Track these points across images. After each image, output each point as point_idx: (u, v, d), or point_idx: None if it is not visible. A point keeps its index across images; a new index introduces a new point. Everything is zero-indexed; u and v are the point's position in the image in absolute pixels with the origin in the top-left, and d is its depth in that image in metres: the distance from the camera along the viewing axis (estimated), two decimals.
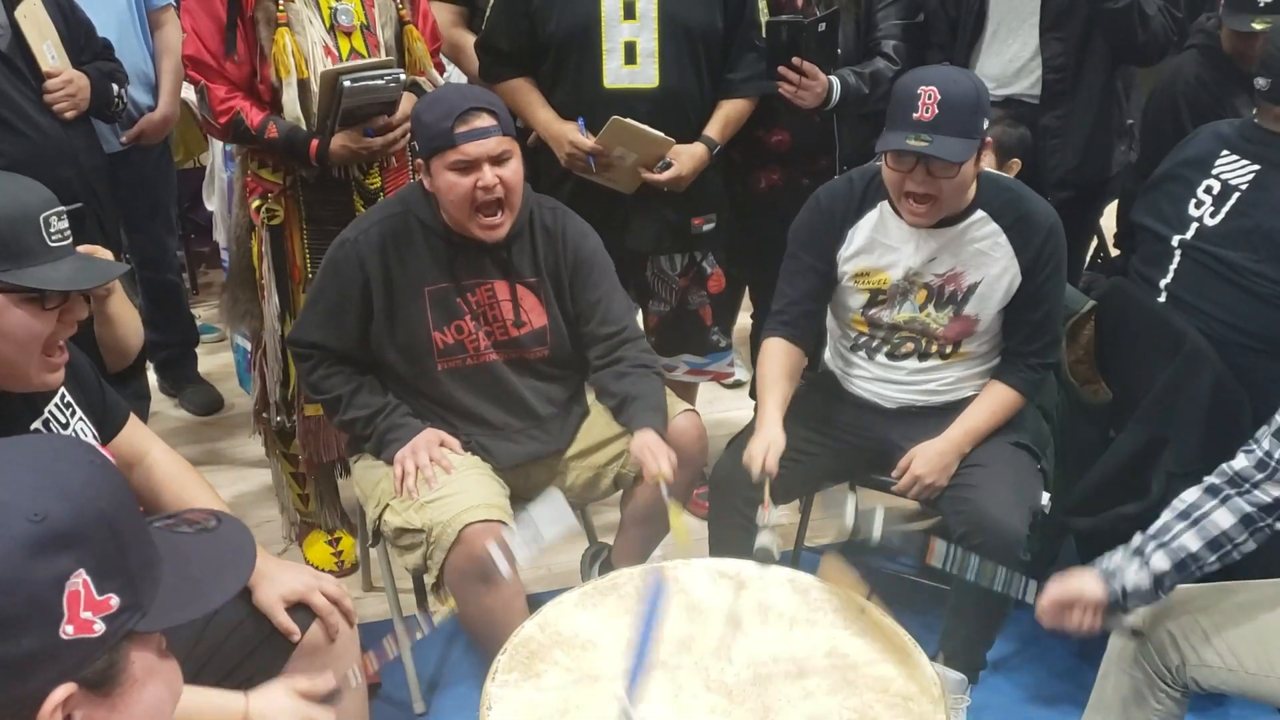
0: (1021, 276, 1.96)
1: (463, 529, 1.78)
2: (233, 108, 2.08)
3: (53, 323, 1.33)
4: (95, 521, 0.78)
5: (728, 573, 1.68)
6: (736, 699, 1.43)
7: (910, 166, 1.85)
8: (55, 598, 0.75)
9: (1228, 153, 2.11)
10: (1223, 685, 1.60)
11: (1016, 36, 2.53)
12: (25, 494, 0.77)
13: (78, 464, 0.82)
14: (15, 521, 0.75)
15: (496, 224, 1.88)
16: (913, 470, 1.99)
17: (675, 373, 2.58)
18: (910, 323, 2.03)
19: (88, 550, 0.77)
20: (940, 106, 1.79)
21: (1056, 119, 2.53)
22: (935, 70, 1.89)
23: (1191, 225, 2.12)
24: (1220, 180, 2.10)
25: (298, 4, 2.08)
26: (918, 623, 1.62)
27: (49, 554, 0.75)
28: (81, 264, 1.36)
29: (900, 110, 1.83)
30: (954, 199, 1.90)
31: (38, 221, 1.31)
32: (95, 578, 0.77)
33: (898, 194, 1.92)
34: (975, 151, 1.85)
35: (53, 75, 2.28)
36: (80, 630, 0.76)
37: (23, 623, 0.74)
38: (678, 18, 2.23)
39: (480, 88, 1.92)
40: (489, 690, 1.43)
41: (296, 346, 2.01)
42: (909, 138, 1.80)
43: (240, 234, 2.31)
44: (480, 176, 1.83)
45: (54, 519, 0.76)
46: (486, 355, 1.99)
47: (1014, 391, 2.03)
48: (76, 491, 0.79)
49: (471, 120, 1.82)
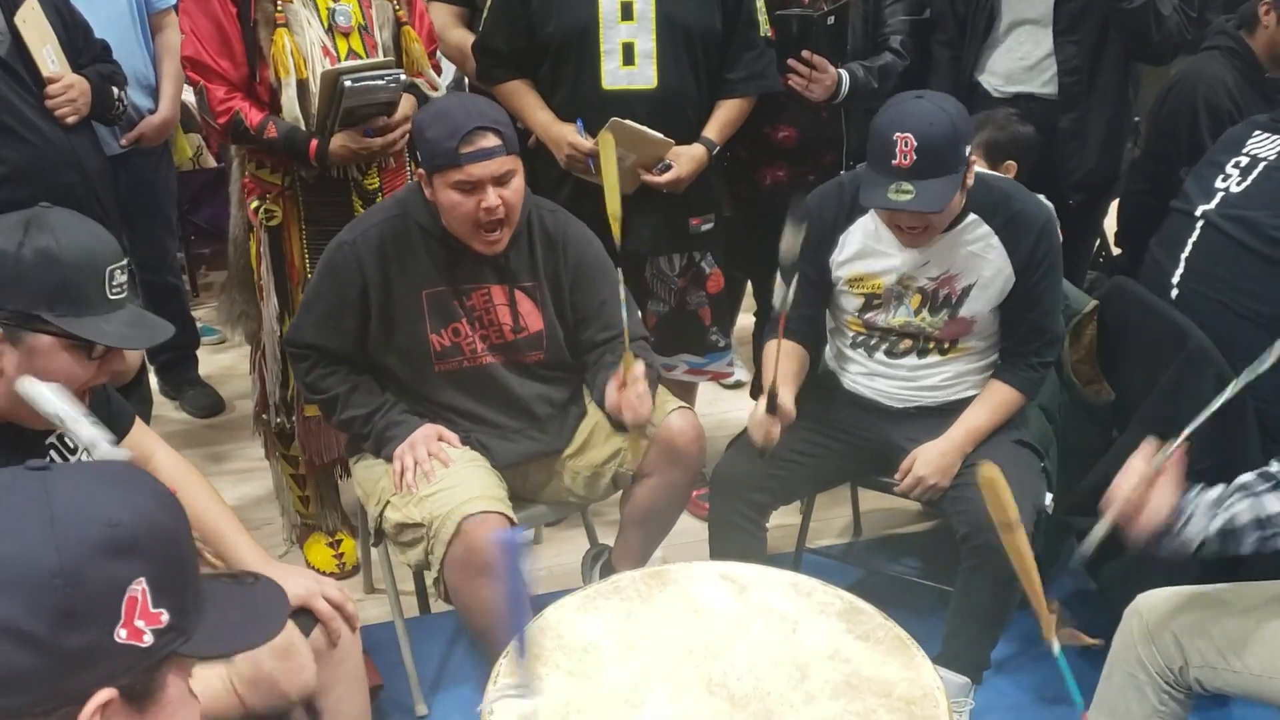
0: (1015, 276, 1.96)
1: (462, 520, 1.78)
2: (232, 108, 2.08)
3: (93, 370, 1.36)
4: (162, 538, 0.84)
5: (730, 575, 1.67)
6: (739, 703, 1.42)
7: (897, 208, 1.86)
8: (116, 600, 0.80)
9: (1259, 132, 2.11)
10: (1226, 687, 1.59)
11: (1029, 35, 2.53)
12: (103, 502, 0.82)
13: (150, 487, 0.88)
14: (91, 524, 0.80)
15: (496, 239, 1.89)
16: (915, 471, 1.99)
17: (674, 373, 2.58)
18: (906, 326, 2.04)
19: (151, 562, 0.82)
20: (918, 152, 1.78)
21: (1073, 121, 2.53)
22: (910, 110, 1.83)
23: (1216, 195, 2.10)
24: (1249, 155, 2.10)
25: (296, 5, 2.08)
26: (920, 625, 1.61)
27: (118, 558, 0.80)
28: (134, 320, 1.38)
29: (878, 156, 1.83)
30: (943, 223, 1.92)
31: (104, 273, 1.33)
32: (153, 590, 0.81)
33: (888, 225, 1.95)
34: (958, 187, 1.85)
35: (53, 80, 2.27)
36: (132, 637, 0.80)
37: (85, 617, 0.78)
38: (675, 18, 2.23)
39: (485, 102, 1.89)
40: (490, 692, 1.43)
41: (293, 347, 2.01)
42: (890, 190, 1.80)
43: (239, 235, 2.31)
44: (483, 198, 1.82)
45: (125, 527, 0.81)
46: (483, 358, 1.99)
47: (1014, 391, 2.03)
48: (148, 508, 0.84)
49: (477, 140, 1.80)
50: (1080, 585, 2.32)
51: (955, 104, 1.88)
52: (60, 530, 0.79)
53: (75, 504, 0.81)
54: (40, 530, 0.79)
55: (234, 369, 3.45)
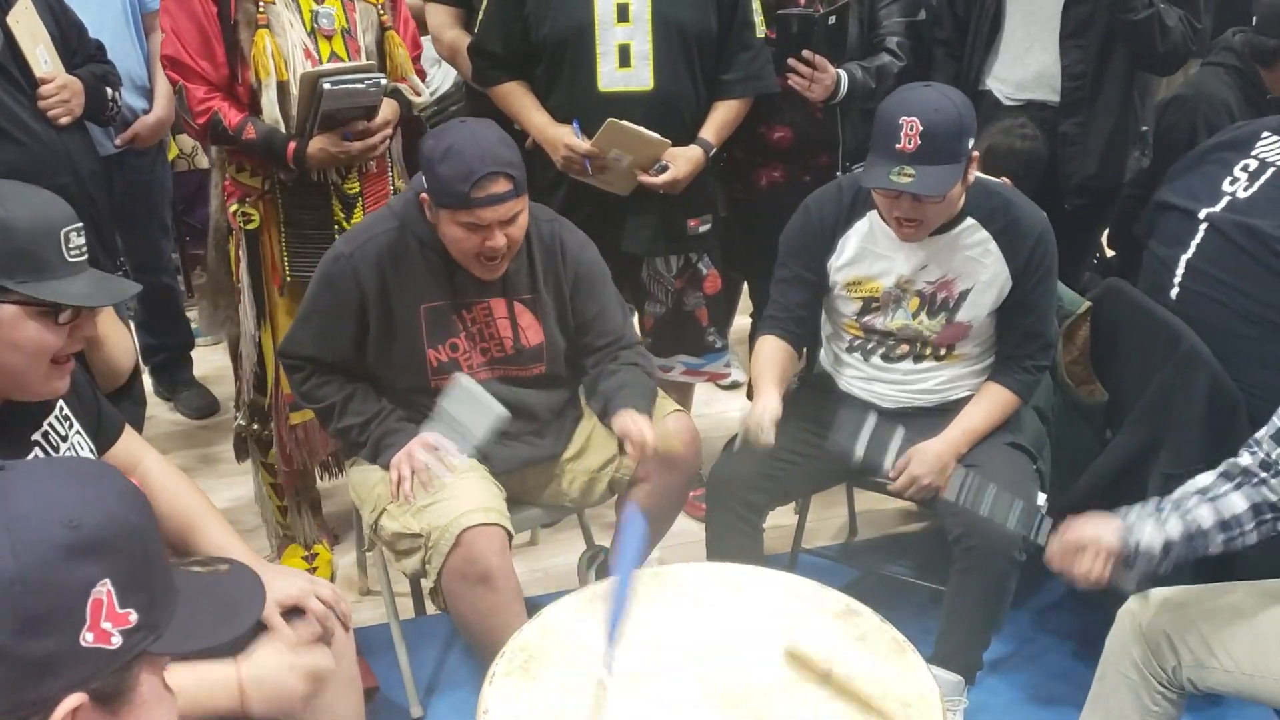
0: (1012, 281, 1.97)
1: (461, 533, 1.78)
2: (211, 108, 2.07)
3: (64, 337, 1.34)
4: (126, 536, 0.81)
5: (725, 577, 1.68)
6: (734, 704, 1.43)
7: (897, 194, 1.86)
8: (80, 603, 0.78)
9: (1269, 134, 2.11)
10: (1219, 686, 1.60)
11: (1036, 42, 2.53)
12: (62, 502, 0.80)
13: (112, 483, 0.86)
14: (52, 526, 0.78)
15: (496, 268, 1.88)
16: (910, 470, 1.99)
17: (671, 373, 2.58)
18: (903, 330, 2.04)
19: (116, 562, 0.80)
20: (922, 137, 1.79)
21: (1076, 126, 2.54)
22: (917, 96, 1.86)
23: (1223, 199, 2.10)
24: (1258, 159, 2.10)
25: (278, 6, 2.06)
26: (914, 625, 1.62)
27: (80, 560, 0.78)
28: (97, 281, 1.37)
29: (883, 139, 1.84)
30: (942, 217, 1.92)
31: (58, 236, 1.31)
32: (119, 590, 0.79)
33: (887, 215, 1.94)
34: (960, 177, 1.86)
35: (47, 81, 2.27)
36: (99, 640, 0.78)
37: (47, 623, 0.76)
38: (671, 20, 2.23)
39: (498, 139, 1.83)
40: (486, 694, 1.43)
41: (288, 359, 2.00)
42: (892, 173, 1.81)
43: (219, 239, 2.30)
44: (489, 236, 1.81)
45: (88, 528, 0.79)
46: (480, 374, 1.97)
47: (1010, 393, 2.04)
48: (110, 506, 0.82)
49: (489, 186, 1.77)
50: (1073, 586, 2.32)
51: (962, 96, 1.91)
52: (18, 534, 0.77)
53: (33, 506, 0.79)
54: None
55: (228, 370, 3.42)
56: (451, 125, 1.88)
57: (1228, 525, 1.52)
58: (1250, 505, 1.51)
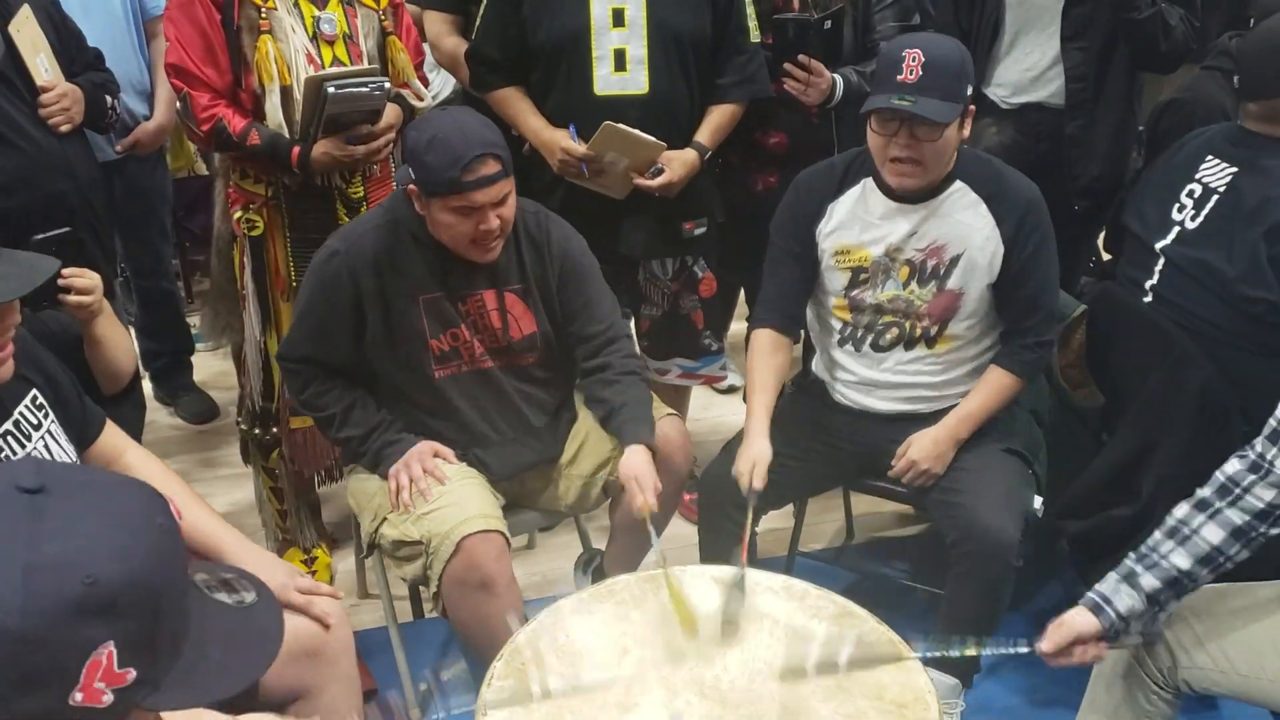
0: (1004, 248, 1.96)
1: (461, 540, 1.79)
2: (215, 115, 2.09)
3: None
4: (142, 595, 0.77)
5: (721, 578, 1.68)
6: (731, 706, 1.43)
7: (894, 130, 1.86)
8: (77, 664, 0.74)
9: (1211, 157, 2.13)
10: (1215, 688, 1.61)
11: (1035, 45, 2.54)
12: (89, 551, 0.75)
13: (146, 523, 0.80)
14: (69, 581, 0.73)
15: (492, 250, 1.89)
16: (909, 455, 2.00)
17: (668, 376, 2.59)
18: (894, 301, 2.02)
19: (124, 624, 0.75)
20: (924, 69, 1.81)
21: (1080, 127, 2.55)
22: (920, 35, 1.92)
23: (1173, 229, 2.13)
24: (1201, 184, 2.12)
25: (280, 11, 2.08)
26: (911, 628, 1.62)
27: (88, 620, 0.74)
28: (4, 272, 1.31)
29: (885, 72, 1.86)
30: (937, 163, 1.91)
31: None
32: (121, 651, 0.75)
33: (881, 159, 1.93)
34: (959, 115, 1.86)
35: (47, 89, 2.28)
36: (89, 699, 0.74)
37: (37, 682, 0.73)
38: (666, 24, 2.24)
39: (481, 122, 1.86)
40: (484, 697, 1.44)
41: (286, 362, 2.00)
42: (894, 98, 1.82)
43: (222, 246, 2.31)
44: (482, 219, 1.82)
45: (104, 584, 0.74)
46: (483, 362, 1.99)
47: (1010, 375, 2.02)
48: (135, 557, 0.77)
49: (479, 169, 1.78)
50: (1070, 589, 2.33)
51: (962, 46, 1.93)
52: (33, 585, 0.72)
53: (60, 551, 0.74)
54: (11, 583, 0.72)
55: (228, 375, 3.44)
56: (432, 115, 1.90)
57: (1208, 559, 1.51)
58: (1228, 532, 1.49)
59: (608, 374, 2.01)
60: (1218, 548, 1.50)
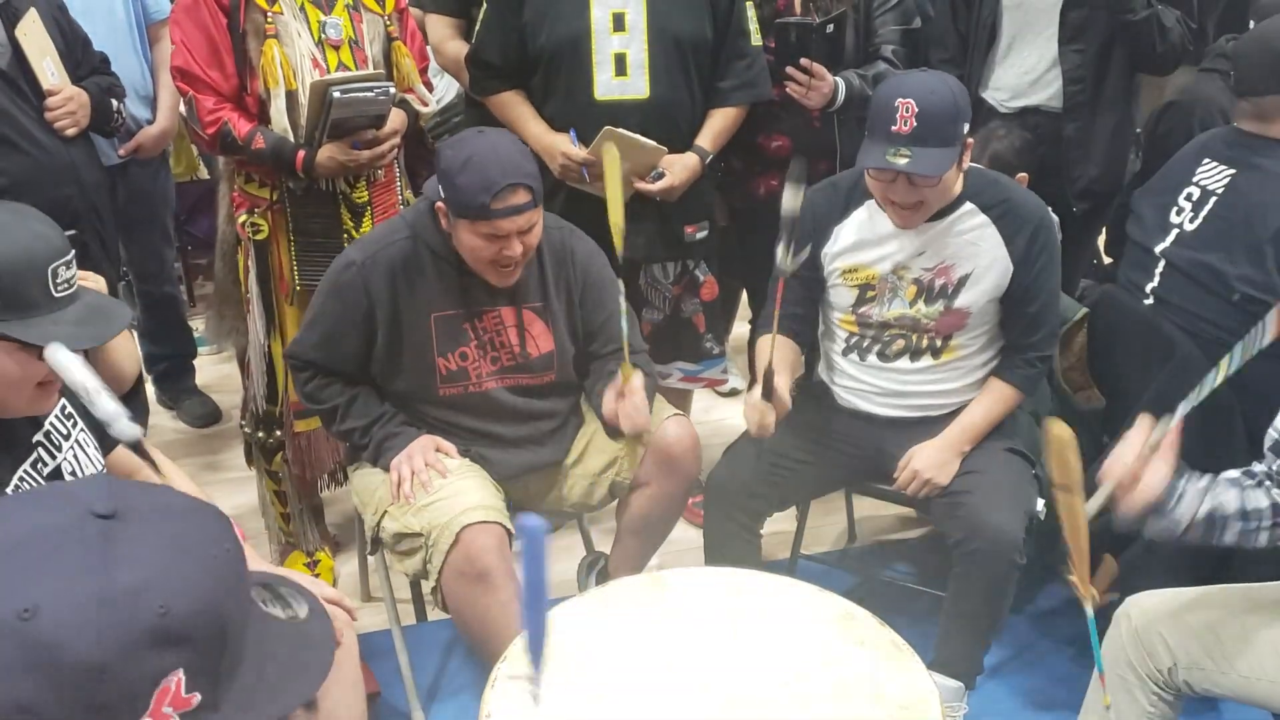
0: (1013, 268, 1.96)
1: (461, 530, 1.79)
2: (220, 118, 2.09)
3: (45, 369, 1.32)
4: (210, 623, 0.77)
5: (724, 580, 1.69)
6: (734, 708, 1.44)
7: (892, 178, 1.87)
8: (148, 691, 0.74)
9: (1208, 160, 2.14)
10: (1215, 688, 1.61)
11: (1033, 48, 2.55)
12: (162, 580, 0.75)
13: (213, 549, 0.80)
14: (144, 611, 0.74)
15: (510, 274, 1.89)
16: (912, 466, 2.00)
17: (669, 380, 2.60)
18: (900, 319, 2.03)
19: (195, 650, 0.76)
20: (918, 119, 1.80)
21: (1078, 129, 2.56)
22: (912, 79, 1.89)
23: (1172, 232, 2.14)
24: (1199, 187, 2.13)
25: (286, 16, 2.08)
26: (913, 630, 1.62)
27: (161, 649, 0.74)
28: (84, 316, 1.35)
29: (879, 122, 1.85)
30: (939, 199, 1.92)
31: (45, 273, 1.29)
32: (189, 676, 0.76)
33: (882, 200, 1.94)
34: (955, 160, 1.87)
35: (54, 93, 2.29)
36: None
37: (109, 710, 0.73)
38: (667, 29, 2.25)
39: (517, 150, 1.85)
40: (488, 699, 1.44)
41: (293, 360, 2.02)
42: (889, 153, 1.82)
43: (227, 250, 2.32)
44: (506, 245, 1.82)
45: (175, 615, 0.74)
46: (488, 384, 1.99)
47: (1011, 388, 2.03)
48: (204, 586, 0.77)
49: (509, 198, 1.78)
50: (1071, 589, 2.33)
51: (957, 82, 1.92)
52: (108, 616, 0.72)
53: (135, 579, 0.74)
54: (86, 612, 0.72)
55: (231, 378, 3.45)
56: (470, 135, 1.88)
57: (1248, 516, 1.48)
58: (1271, 503, 1.48)
59: (611, 366, 2.02)
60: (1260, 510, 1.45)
